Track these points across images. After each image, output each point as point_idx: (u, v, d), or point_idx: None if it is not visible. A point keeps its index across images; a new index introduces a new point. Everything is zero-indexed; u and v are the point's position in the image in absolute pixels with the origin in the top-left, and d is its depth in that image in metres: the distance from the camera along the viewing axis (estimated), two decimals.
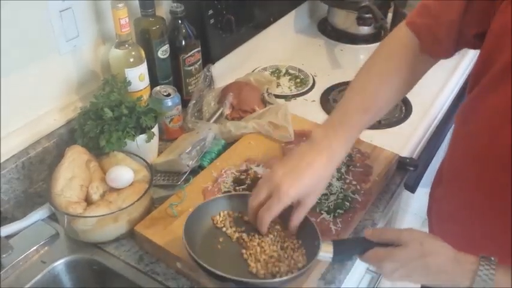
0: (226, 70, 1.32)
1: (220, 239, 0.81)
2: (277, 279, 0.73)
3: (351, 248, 0.75)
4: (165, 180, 1.00)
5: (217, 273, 0.70)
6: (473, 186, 0.77)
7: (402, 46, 0.83)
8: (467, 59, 1.54)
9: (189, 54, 1.16)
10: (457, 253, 0.67)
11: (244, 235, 0.81)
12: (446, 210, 0.88)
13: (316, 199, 0.78)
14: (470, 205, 0.79)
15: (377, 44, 1.59)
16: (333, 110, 0.84)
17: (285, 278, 0.73)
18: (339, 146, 0.77)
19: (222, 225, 0.83)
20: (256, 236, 0.80)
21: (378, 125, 1.23)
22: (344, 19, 1.62)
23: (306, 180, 0.74)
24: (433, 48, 0.81)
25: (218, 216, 0.84)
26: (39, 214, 0.92)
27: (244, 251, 0.79)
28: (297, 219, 0.77)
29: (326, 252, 0.73)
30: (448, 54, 0.82)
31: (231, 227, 0.82)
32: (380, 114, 0.86)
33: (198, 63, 1.20)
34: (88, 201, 0.88)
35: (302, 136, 1.09)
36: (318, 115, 1.26)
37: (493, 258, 0.65)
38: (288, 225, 0.78)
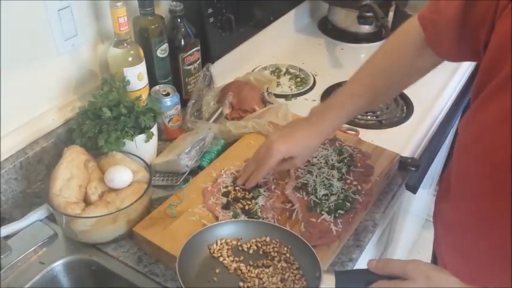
0: (226, 69, 1.31)
1: (217, 270, 0.77)
2: None
3: (354, 280, 0.72)
4: (164, 180, 0.99)
5: None
6: (477, 197, 0.75)
7: (409, 37, 0.84)
8: None
9: (188, 53, 1.15)
10: (465, 287, 0.65)
11: (243, 266, 0.77)
12: (452, 222, 0.86)
13: (301, 163, 0.91)
14: (474, 218, 0.77)
15: (378, 43, 1.61)
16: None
17: None
18: (329, 125, 0.89)
19: (219, 254, 0.79)
20: (255, 267, 0.78)
21: (379, 125, 1.22)
22: (345, 18, 1.62)
23: (295, 143, 0.87)
24: (436, 43, 0.80)
25: (215, 245, 0.80)
26: (37, 215, 0.91)
27: (241, 284, 0.75)
28: (278, 166, 0.90)
29: (328, 284, 0.69)
30: (450, 55, 0.81)
31: (228, 256, 0.79)
32: (376, 101, 0.91)
33: (198, 63, 1.19)
34: (86, 201, 0.87)
35: None
36: None
37: None
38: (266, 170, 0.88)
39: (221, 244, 0.80)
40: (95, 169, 0.92)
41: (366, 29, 1.60)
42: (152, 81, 1.10)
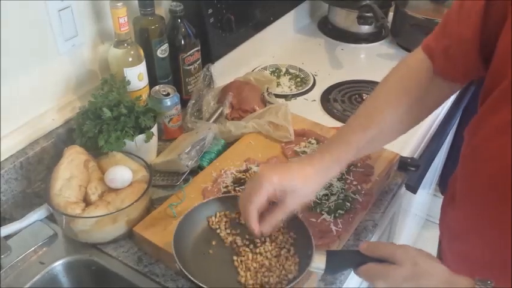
0: (226, 69, 1.31)
1: (213, 242, 0.80)
2: None
3: (344, 260, 0.73)
4: (164, 180, 0.99)
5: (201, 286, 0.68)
6: (482, 205, 0.74)
7: (413, 69, 0.80)
8: None
9: (188, 53, 1.15)
10: (452, 275, 0.65)
11: (238, 239, 0.79)
12: (457, 228, 0.85)
13: (297, 204, 0.75)
14: (479, 226, 0.76)
15: (378, 43, 1.61)
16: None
17: None
18: (332, 161, 0.76)
19: (217, 226, 0.82)
20: (251, 241, 0.78)
21: None
22: (345, 18, 1.62)
23: (291, 176, 0.73)
24: (446, 69, 0.76)
25: (214, 217, 0.83)
26: (37, 215, 0.91)
27: (235, 257, 0.77)
28: (273, 218, 0.73)
29: (319, 263, 0.71)
30: (464, 77, 0.77)
31: (225, 228, 0.81)
32: (383, 136, 0.81)
33: (198, 63, 1.19)
34: (86, 201, 0.87)
35: (302, 136, 1.08)
36: (319, 115, 1.25)
37: (489, 282, 0.63)
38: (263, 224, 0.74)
39: (220, 216, 0.82)
40: (95, 169, 0.92)
41: (366, 29, 1.60)
42: (152, 82, 1.10)
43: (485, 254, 0.77)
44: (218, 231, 0.81)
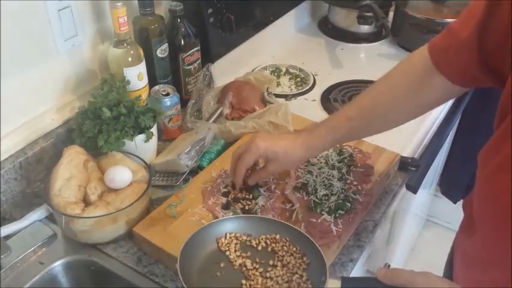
0: (226, 69, 1.31)
1: (222, 264, 0.76)
2: None
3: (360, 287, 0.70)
4: (164, 180, 0.99)
5: None
6: (500, 237, 0.69)
7: (415, 65, 0.80)
8: None
9: (188, 53, 1.15)
10: None
11: (248, 262, 0.76)
12: (474, 257, 0.80)
13: (279, 169, 0.90)
14: (500, 257, 0.71)
15: (378, 42, 1.61)
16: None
17: None
18: (318, 137, 0.85)
19: (227, 248, 0.78)
20: (262, 264, 0.76)
21: None
22: (345, 18, 1.61)
23: (277, 145, 0.85)
24: (443, 67, 0.76)
25: (223, 238, 0.79)
26: (37, 215, 0.91)
27: (244, 281, 0.73)
28: (252, 178, 0.90)
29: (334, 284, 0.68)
30: (462, 79, 0.75)
31: (235, 250, 0.77)
32: (370, 128, 0.86)
33: (198, 62, 1.19)
34: (86, 201, 0.87)
35: None
36: (319, 114, 1.25)
37: None
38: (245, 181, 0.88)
39: (230, 238, 0.79)
40: (95, 169, 0.91)
41: (366, 29, 1.60)
42: (152, 81, 1.10)
43: (501, 284, 0.72)
44: (227, 253, 0.77)
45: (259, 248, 0.79)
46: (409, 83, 0.81)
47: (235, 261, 0.76)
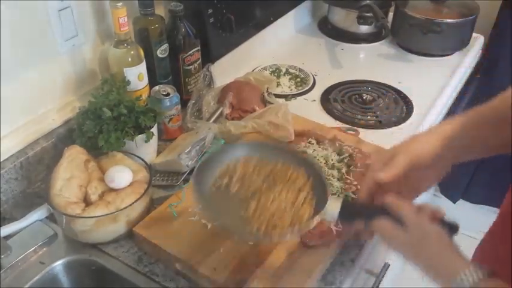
0: (226, 69, 1.31)
1: (232, 186, 0.76)
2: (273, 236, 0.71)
3: (359, 211, 0.72)
4: (164, 180, 0.99)
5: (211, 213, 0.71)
6: None
7: None
8: (468, 59, 1.53)
9: (188, 53, 1.15)
10: (451, 255, 0.64)
11: (257, 183, 0.76)
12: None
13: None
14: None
15: (378, 43, 1.61)
16: None
17: (279, 235, 0.71)
18: (452, 129, 0.73)
19: (236, 171, 0.78)
20: (269, 186, 0.76)
21: (379, 125, 1.22)
22: (344, 18, 1.61)
23: (414, 146, 0.72)
24: None
25: (233, 162, 0.79)
26: (37, 214, 0.91)
27: (252, 201, 0.74)
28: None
29: (334, 207, 0.71)
30: None
31: (245, 173, 0.78)
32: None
33: (198, 63, 1.19)
34: (87, 201, 0.87)
35: (302, 136, 1.08)
36: (319, 115, 1.25)
37: (486, 272, 0.60)
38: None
39: (240, 162, 0.80)
40: (95, 169, 0.92)
41: (366, 29, 1.60)
42: (152, 82, 1.10)
43: None
44: (236, 175, 0.78)
45: (268, 170, 0.79)
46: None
47: (244, 182, 0.77)
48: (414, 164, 0.72)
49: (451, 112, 1.32)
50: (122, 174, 0.88)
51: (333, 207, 0.71)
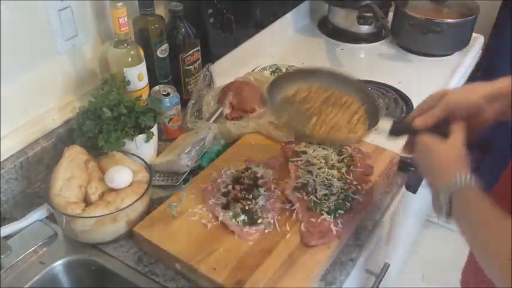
0: (226, 69, 1.31)
1: (298, 98, 0.93)
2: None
3: (406, 128, 0.83)
4: (164, 180, 0.99)
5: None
6: None
7: None
8: (468, 58, 1.53)
9: (188, 53, 1.15)
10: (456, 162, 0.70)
11: (317, 103, 0.91)
12: None
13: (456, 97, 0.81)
14: None
15: (378, 43, 1.61)
16: None
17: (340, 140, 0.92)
18: (492, 89, 0.78)
19: (302, 94, 0.94)
20: (328, 106, 0.92)
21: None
22: (344, 18, 1.61)
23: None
24: None
25: (301, 86, 0.95)
26: (37, 215, 0.91)
27: (314, 117, 0.88)
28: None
29: (384, 126, 0.84)
30: None
31: (310, 95, 0.93)
32: None
33: (198, 63, 1.19)
34: (87, 201, 0.87)
35: None
36: None
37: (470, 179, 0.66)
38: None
39: (307, 86, 0.95)
40: (95, 169, 0.92)
41: (366, 29, 1.60)
42: (152, 81, 1.10)
43: None
44: (302, 96, 0.93)
45: (327, 95, 0.94)
46: None
47: (307, 102, 0.91)
48: (450, 115, 0.79)
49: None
50: (122, 174, 0.88)
51: (384, 125, 0.84)
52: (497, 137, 0.89)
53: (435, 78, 1.42)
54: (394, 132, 0.84)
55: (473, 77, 1.61)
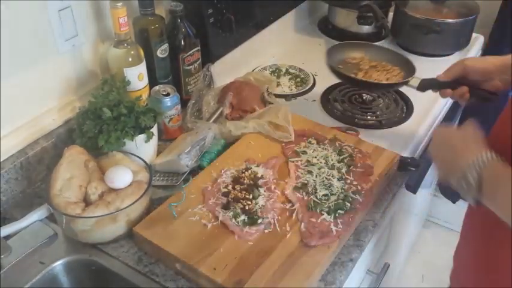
0: (226, 69, 1.31)
1: (350, 64, 1.28)
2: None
3: (434, 83, 1.05)
4: (164, 180, 0.99)
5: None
6: None
7: None
8: None
9: (188, 53, 1.15)
10: (474, 141, 0.75)
11: (367, 67, 1.25)
12: None
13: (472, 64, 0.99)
14: None
15: (378, 43, 1.61)
16: None
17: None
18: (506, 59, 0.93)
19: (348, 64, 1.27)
20: (371, 68, 1.24)
21: (379, 125, 1.22)
22: (345, 18, 1.62)
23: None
24: None
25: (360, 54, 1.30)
26: (37, 215, 0.91)
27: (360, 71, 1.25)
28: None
29: (416, 81, 1.11)
30: None
31: (353, 62, 1.28)
32: None
33: (198, 63, 1.19)
34: (87, 201, 0.87)
35: (302, 136, 1.08)
36: (319, 115, 1.25)
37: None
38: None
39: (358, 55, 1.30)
40: (95, 169, 0.92)
41: (366, 29, 1.60)
42: (152, 82, 1.10)
43: None
44: (357, 61, 1.29)
45: (373, 63, 1.27)
46: None
47: (357, 66, 1.25)
48: (466, 75, 0.98)
49: (451, 111, 1.32)
50: (122, 174, 0.88)
51: (415, 80, 1.11)
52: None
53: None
54: (422, 87, 1.08)
55: None
